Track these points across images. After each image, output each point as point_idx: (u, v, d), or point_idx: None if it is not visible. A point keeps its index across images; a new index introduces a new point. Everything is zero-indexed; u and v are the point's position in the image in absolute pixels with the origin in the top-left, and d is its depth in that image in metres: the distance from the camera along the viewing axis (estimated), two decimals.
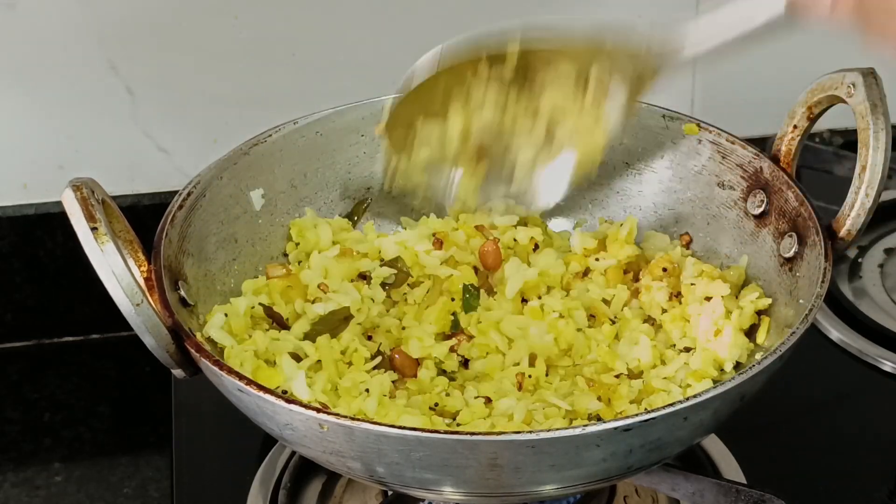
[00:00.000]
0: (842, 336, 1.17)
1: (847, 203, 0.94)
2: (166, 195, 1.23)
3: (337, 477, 1.02)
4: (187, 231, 0.96)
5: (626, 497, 0.99)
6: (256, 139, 1.03)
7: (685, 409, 0.79)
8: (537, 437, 0.77)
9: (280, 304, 0.97)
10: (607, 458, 0.80)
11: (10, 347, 1.28)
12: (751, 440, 1.04)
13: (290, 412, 0.80)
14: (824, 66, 0.98)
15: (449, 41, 0.94)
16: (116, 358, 1.26)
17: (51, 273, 1.27)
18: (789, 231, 0.96)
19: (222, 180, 1.00)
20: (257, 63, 1.25)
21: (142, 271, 0.90)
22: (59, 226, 1.24)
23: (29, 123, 1.24)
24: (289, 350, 0.93)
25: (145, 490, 1.11)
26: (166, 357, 0.87)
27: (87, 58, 1.21)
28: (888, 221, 1.30)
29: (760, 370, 0.82)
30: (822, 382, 1.14)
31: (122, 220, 0.91)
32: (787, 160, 1.00)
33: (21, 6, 1.18)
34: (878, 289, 1.23)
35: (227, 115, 1.26)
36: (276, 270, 0.99)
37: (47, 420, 1.19)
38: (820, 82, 0.98)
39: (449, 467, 0.79)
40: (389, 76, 1.26)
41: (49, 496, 1.11)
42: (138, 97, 1.24)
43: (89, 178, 0.87)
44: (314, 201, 1.07)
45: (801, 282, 0.93)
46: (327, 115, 1.06)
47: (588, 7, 1.29)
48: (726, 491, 0.94)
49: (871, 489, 1.03)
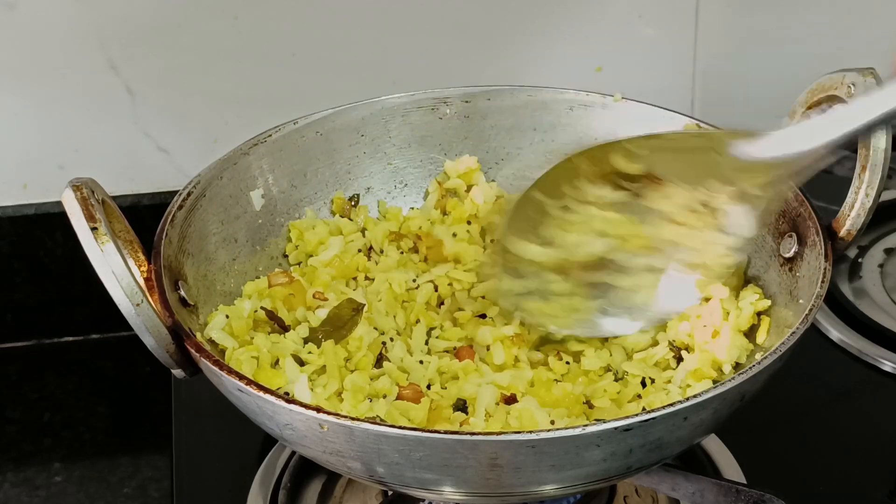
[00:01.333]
0: (842, 336, 1.17)
1: (847, 203, 0.94)
2: (166, 195, 1.23)
3: (337, 477, 1.02)
4: (187, 231, 0.96)
5: (626, 497, 0.99)
6: (256, 139, 1.03)
7: (685, 409, 0.79)
8: (537, 437, 0.77)
9: (282, 312, 0.97)
10: (607, 458, 0.80)
11: (10, 347, 1.28)
12: (751, 440, 1.04)
13: (290, 412, 0.80)
14: (824, 65, 0.98)
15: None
16: (116, 358, 1.26)
17: (51, 273, 1.27)
18: (789, 231, 0.96)
19: (222, 180, 1.00)
20: (257, 63, 1.25)
21: (142, 271, 0.89)
22: (59, 226, 1.24)
23: (29, 123, 1.24)
24: (291, 353, 0.93)
25: (145, 490, 1.11)
26: (166, 357, 0.87)
27: (87, 58, 1.22)
28: (888, 221, 1.30)
29: (760, 370, 0.82)
30: (822, 382, 1.14)
31: (122, 220, 0.91)
32: None
33: (21, 6, 1.18)
34: (878, 289, 1.23)
35: (227, 115, 1.26)
36: (278, 278, 0.99)
37: (47, 420, 1.19)
38: (820, 82, 0.97)
39: (449, 467, 0.79)
40: (389, 76, 1.26)
41: (49, 496, 1.11)
42: (138, 97, 1.24)
43: (89, 178, 0.87)
44: (314, 201, 1.07)
45: (801, 282, 0.93)
46: (327, 115, 1.06)
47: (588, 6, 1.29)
48: (726, 491, 0.94)
49: (871, 489, 1.03)
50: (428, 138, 1.09)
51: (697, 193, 0.93)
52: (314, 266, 1.02)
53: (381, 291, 1.00)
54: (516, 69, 1.29)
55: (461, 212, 1.06)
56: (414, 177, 1.10)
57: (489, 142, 1.10)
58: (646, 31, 1.32)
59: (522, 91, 1.07)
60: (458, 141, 1.09)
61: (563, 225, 0.95)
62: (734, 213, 0.93)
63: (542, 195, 0.95)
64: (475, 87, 1.08)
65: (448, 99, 1.09)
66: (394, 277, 1.01)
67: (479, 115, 1.09)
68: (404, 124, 1.08)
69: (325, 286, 0.99)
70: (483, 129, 1.09)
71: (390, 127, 1.08)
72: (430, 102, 1.09)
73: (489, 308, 1.00)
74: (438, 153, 1.10)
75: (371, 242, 1.06)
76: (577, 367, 0.96)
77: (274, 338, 0.95)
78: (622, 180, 0.94)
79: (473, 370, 0.94)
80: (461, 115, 1.09)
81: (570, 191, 0.94)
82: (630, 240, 0.95)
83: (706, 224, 0.94)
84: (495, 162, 1.10)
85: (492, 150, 1.10)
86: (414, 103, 1.08)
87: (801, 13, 1.36)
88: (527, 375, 0.93)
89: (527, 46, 1.29)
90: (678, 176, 0.93)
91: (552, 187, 0.95)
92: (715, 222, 0.93)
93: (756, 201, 0.92)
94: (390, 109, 1.08)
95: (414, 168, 1.10)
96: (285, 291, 0.98)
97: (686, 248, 0.95)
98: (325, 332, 0.95)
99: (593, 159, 0.94)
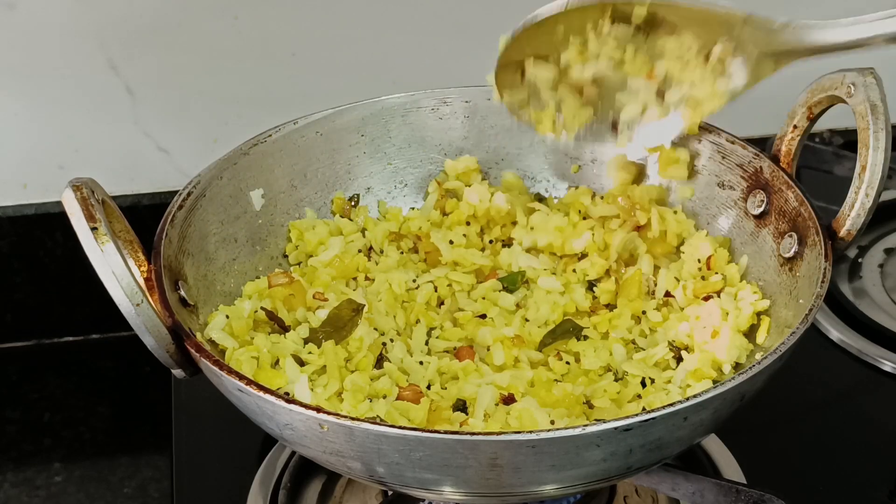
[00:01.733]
0: (842, 336, 1.17)
1: (847, 203, 0.94)
2: (166, 195, 1.23)
3: (337, 477, 1.02)
4: (187, 231, 0.96)
5: (626, 497, 0.99)
6: (256, 139, 1.03)
7: (685, 409, 0.79)
8: (537, 437, 0.77)
9: (283, 312, 0.97)
10: (607, 458, 0.80)
11: (10, 347, 1.28)
12: (751, 440, 1.04)
13: (290, 412, 0.80)
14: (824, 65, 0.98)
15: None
16: (116, 358, 1.26)
17: (51, 273, 1.27)
18: (789, 231, 0.96)
19: (222, 180, 1.00)
20: (257, 63, 1.25)
21: (142, 271, 0.90)
22: (59, 226, 1.24)
23: (29, 123, 1.24)
24: (291, 353, 0.93)
25: (145, 490, 1.11)
26: (166, 357, 0.87)
27: (87, 58, 1.22)
28: (888, 221, 1.30)
29: (760, 370, 0.82)
30: (822, 382, 1.14)
31: (122, 220, 0.91)
32: (787, 160, 1.00)
33: (21, 6, 1.18)
34: (878, 289, 1.23)
35: (227, 115, 1.26)
36: (278, 279, 0.99)
37: (47, 420, 1.19)
38: (820, 82, 0.98)
39: (449, 467, 0.79)
40: (389, 76, 1.26)
41: (49, 496, 1.11)
42: (138, 97, 1.24)
43: (89, 178, 0.87)
44: (314, 201, 1.07)
45: (801, 282, 0.93)
46: (327, 115, 1.06)
47: None
48: (726, 491, 0.94)
49: (871, 489, 1.03)
50: (428, 138, 1.09)
51: (699, 40, 0.94)
52: (314, 266, 1.02)
53: (381, 292, 1.00)
54: None
55: (459, 214, 1.06)
56: (414, 177, 1.10)
57: (489, 142, 1.10)
58: None
59: None
60: (458, 141, 1.09)
61: (560, 46, 0.97)
62: (731, 63, 0.94)
63: (549, 23, 0.97)
64: (475, 87, 1.08)
65: (448, 99, 1.09)
66: (394, 278, 1.01)
67: (479, 115, 1.09)
68: (404, 124, 1.08)
69: (325, 286, 0.99)
70: (483, 129, 1.09)
71: (390, 127, 1.08)
72: (430, 102, 1.09)
73: (489, 308, 1.01)
74: (438, 153, 1.10)
75: (371, 243, 1.06)
76: (577, 367, 0.96)
77: (274, 338, 0.95)
78: (627, 19, 0.96)
79: (473, 370, 0.94)
80: (461, 115, 1.09)
81: (574, 22, 0.96)
82: (627, 63, 0.97)
83: (702, 65, 0.95)
84: (495, 162, 1.10)
85: (492, 150, 1.10)
86: (414, 103, 1.08)
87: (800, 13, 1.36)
88: (527, 376, 0.93)
89: None
90: (685, 22, 0.94)
91: (560, 20, 0.96)
92: (711, 66, 0.95)
93: (757, 69, 0.94)
94: (390, 109, 1.08)
95: (414, 168, 1.10)
96: (285, 292, 0.98)
97: (680, 81, 0.96)
98: (325, 333, 0.95)
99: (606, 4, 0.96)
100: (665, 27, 0.95)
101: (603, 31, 0.95)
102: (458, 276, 1.02)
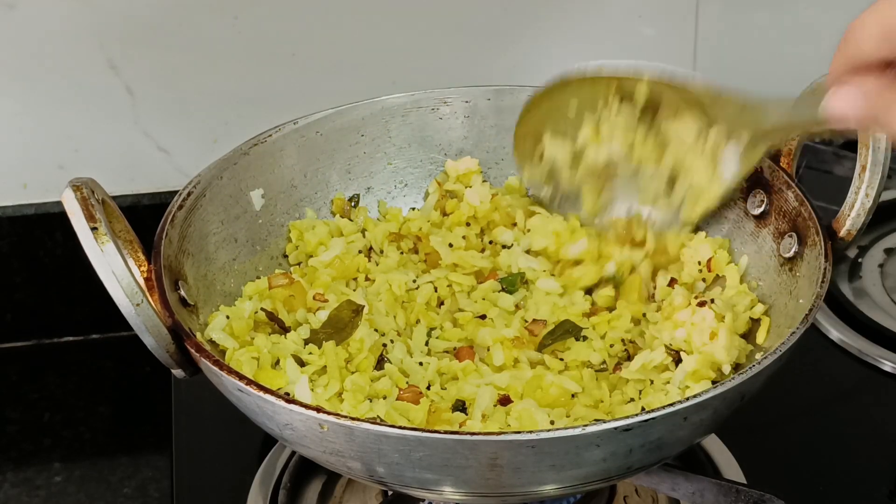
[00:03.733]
0: (842, 336, 1.17)
1: (847, 203, 0.94)
2: (166, 195, 1.23)
3: (337, 477, 1.02)
4: (187, 231, 0.96)
5: (626, 497, 0.99)
6: (256, 139, 1.03)
7: (685, 409, 0.79)
8: (537, 437, 0.77)
9: (283, 313, 0.97)
10: (607, 458, 0.80)
11: (10, 347, 1.28)
12: (751, 440, 1.04)
13: (290, 412, 0.80)
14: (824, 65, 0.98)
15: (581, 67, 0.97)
16: (116, 358, 1.26)
17: (51, 273, 1.27)
18: (789, 231, 0.96)
19: (222, 180, 1.00)
20: (257, 63, 1.25)
21: (142, 271, 0.90)
22: (59, 226, 1.24)
23: (29, 123, 1.24)
24: (291, 353, 0.93)
25: (145, 490, 1.11)
26: (166, 357, 0.87)
27: (87, 58, 1.21)
28: (888, 221, 1.30)
29: (760, 370, 0.82)
30: (822, 382, 1.14)
31: (122, 220, 0.91)
32: (786, 160, 1.00)
33: (21, 6, 1.18)
34: (878, 289, 1.23)
35: (227, 115, 1.26)
36: (278, 280, 0.99)
37: (47, 420, 1.19)
38: (819, 82, 0.97)
39: (449, 467, 0.79)
40: (389, 76, 1.26)
41: (49, 496, 1.11)
42: (138, 97, 1.24)
43: (89, 178, 0.87)
44: (314, 201, 1.07)
45: (801, 282, 0.93)
46: (327, 115, 1.06)
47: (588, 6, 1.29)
48: (726, 491, 0.94)
49: (871, 489, 1.04)
50: (428, 138, 1.09)
51: (697, 123, 0.94)
52: (314, 267, 1.02)
53: (382, 292, 1.00)
54: (516, 69, 1.29)
55: (459, 215, 1.06)
56: (414, 177, 1.10)
57: (489, 142, 1.10)
58: (645, 31, 1.32)
59: (522, 91, 1.07)
60: (458, 141, 1.09)
61: (575, 123, 0.98)
62: (726, 149, 0.94)
63: (562, 95, 0.98)
64: (475, 87, 1.09)
65: (448, 99, 1.09)
66: (394, 278, 1.01)
67: (479, 115, 1.09)
68: (404, 124, 1.09)
69: (326, 287, 0.99)
70: (483, 129, 1.09)
71: (390, 127, 1.08)
72: (430, 102, 1.09)
73: (489, 309, 1.01)
74: (438, 153, 1.10)
75: (371, 243, 1.06)
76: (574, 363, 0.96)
77: (274, 338, 0.95)
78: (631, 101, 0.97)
79: (473, 371, 0.94)
80: (461, 115, 1.09)
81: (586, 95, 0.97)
82: (637, 147, 0.97)
83: (702, 150, 0.95)
84: (495, 162, 1.10)
85: (492, 150, 1.10)
86: (414, 103, 1.08)
87: (800, 13, 1.36)
88: (526, 376, 0.93)
89: (527, 46, 1.29)
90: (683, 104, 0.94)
91: (573, 90, 0.98)
92: (710, 151, 0.95)
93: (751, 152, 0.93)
94: (390, 109, 1.08)
95: (414, 168, 1.10)
96: (285, 293, 0.98)
97: (687, 168, 0.96)
98: (326, 335, 0.95)
99: (611, 80, 0.96)
100: (667, 109, 0.95)
101: (612, 108, 0.96)
102: (458, 277, 1.02)
